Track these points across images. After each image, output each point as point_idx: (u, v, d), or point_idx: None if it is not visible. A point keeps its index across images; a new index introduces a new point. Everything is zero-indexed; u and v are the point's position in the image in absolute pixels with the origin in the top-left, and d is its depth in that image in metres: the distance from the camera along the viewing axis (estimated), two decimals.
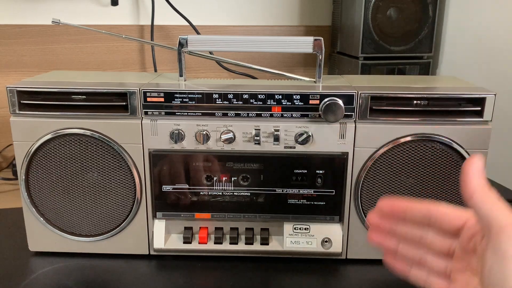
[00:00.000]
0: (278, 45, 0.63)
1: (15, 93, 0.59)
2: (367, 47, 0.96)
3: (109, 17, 1.06)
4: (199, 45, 0.63)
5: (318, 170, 0.61)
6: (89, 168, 0.61)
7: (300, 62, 1.17)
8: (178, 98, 0.59)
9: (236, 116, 0.60)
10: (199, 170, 0.61)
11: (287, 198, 0.62)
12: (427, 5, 0.95)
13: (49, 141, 0.60)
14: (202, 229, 0.64)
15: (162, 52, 1.08)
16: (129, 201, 0.62)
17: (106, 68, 1.09)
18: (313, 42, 0.61)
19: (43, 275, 0.61)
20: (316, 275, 0.62)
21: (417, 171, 0.60)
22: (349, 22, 1.03)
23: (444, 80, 0.77)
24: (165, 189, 0.62)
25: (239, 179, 0.62)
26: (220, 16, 1.12)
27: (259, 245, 0.63)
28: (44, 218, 0.63)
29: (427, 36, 0.97)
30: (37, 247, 0.65)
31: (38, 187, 0.62)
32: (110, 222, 0.63)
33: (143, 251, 0.64)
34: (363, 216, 0.62)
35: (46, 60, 1.05)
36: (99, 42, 1.07)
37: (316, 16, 1.15)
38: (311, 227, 0.63)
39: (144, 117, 0.60)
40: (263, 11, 1.13)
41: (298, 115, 0.59)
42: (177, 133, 0.59)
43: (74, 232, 0.64)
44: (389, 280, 0.61)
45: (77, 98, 0.60)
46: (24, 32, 1.03)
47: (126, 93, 0.59)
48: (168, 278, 0.61)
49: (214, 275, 0.62)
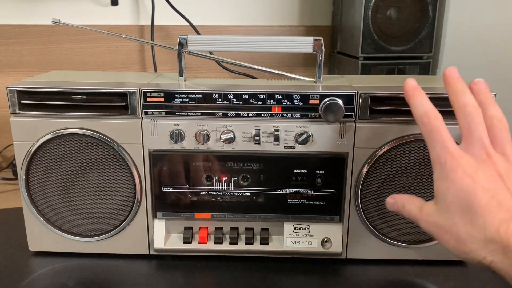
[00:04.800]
0: (278, 45, 0.63)
1: (15, 93, 0.59)
2: (367, 47, 0.96)
3: (109, 17, 1.06)
4: (199, 45, 0.63)
5: (318, 170, 0.61)
6: (89, 168, 0.61)
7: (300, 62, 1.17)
8: (178, 98, 0.59)
9: (236, 116, 0.60)
10: (199, 170, 0.61)
11: (287, 198, 0.62)
12: (427, 5, 0.95)
13: (49, 141, 0.60)
14: (202, 229, 0.64)
15: (162, 52, 1.08)
16: (129, 201, 0.62)
17: (106, 68, 1.09)
18: (313, 42, 0.61)
19: (43, 275, 0.61)
20: (316, 275, 0.62)
21: (417, 171, 0.60)
22: (349, 22, 1.03)
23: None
24: (165, 189, 0.62)
25: (239, 179, 0.62)
26: (220, 16, 1.12)
27: (259, 245, 0.63)
28: (44, 218, 0.63)
29: (427, 36, 0.97)
30: (37, 247, 0.65)
31: (38, 187, 0.62)
32: (110, 222, 0.63)
33: (143, 251, 0.64)
34: (363, 216, 0.62)
35: (46, 60, 1.05)
36: (99, 42, 1.07)
37: (316, 16, 1.15)
38: (311, 227, 0.63)
39: (144, 117, 0.60)
40: (263, 11, 1.13)
41: (298, 115, 0.59)
42: (177, 133, 0.59)
43: (74, 232, 0.64)
44: (389, 280, 0.61)
45: (77, 98, 0.60)
46: (24, 32, 1.03)
47: (126, 93, 0.59)
48: (168, 278, 0.61)
49: (214, 275, 0.62)
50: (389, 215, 0.62)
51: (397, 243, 0.63)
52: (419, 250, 0.63)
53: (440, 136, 0.42)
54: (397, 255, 0.64)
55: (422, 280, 0.61)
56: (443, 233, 0.40)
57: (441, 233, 0.41)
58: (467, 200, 0.38)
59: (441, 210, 0.40)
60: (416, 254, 0.64)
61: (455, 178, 0.39)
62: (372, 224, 0.62)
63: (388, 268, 0.63)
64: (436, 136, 0.42)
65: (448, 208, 0.40)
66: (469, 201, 0.38)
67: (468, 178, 0.39)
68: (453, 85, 0.46)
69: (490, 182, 0.39)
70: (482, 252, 0.37)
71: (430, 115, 0.43)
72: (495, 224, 0.37)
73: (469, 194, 0.38)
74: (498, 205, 0.37)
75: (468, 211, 0.38)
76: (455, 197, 0.39)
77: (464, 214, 0.38)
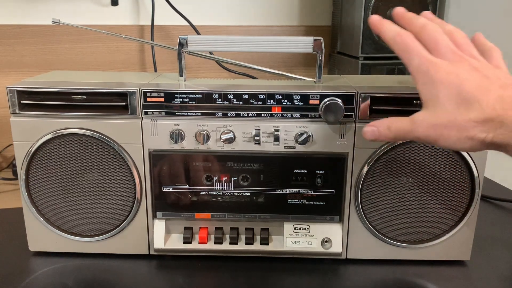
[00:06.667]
0: (278, 45, 0.63)
1: (15, 93, 0.59)
2: (367, 47, 0.96)
3: (109, 17, 1.06)
4: (199, 45, 0.63)
5: (318, 170, 0.61)
6: (89, 168, 0.61)
7: (300, 62, 1.17)
8: (178, 98, 0.59)
9: (236, 116, 0.60)
10: (199, 170, 0.61)
11: (287, 198, 0.62)
12: (427, 5, 0.95)
13: (49, 141, 0.60)
14: (202, 229, 0.64)
15: (162, 52, 1.08)
16: (129, 201, 0.62)
17: (106, 68, 1.09)
18: (313, 42, 0.61)
19: (43, 275, 0.61)
20: (316, 275, 0.62)
21: (417, 171, 0.60)
22: (349, 22, 1.03)
23: None
24: (165, 189, 0.62)
25: (239, 179, 0.62)
26: (220, 16, 1.12)
27: (259, 245, 0.63)
28: (44, 218, 0.63)
29: None
30: (37, 247, 0.65)
31: (38, 187, 0.62)
32: (110, 222, 0.63)
33: (143, 251, 0.64)
34: (363, 216, 0.62)
35: (46, 60, 1.05)
36: (99, 42, 1.07)
37: (316, 16, 1.16)
38: (311, 227, 0.63)
39: (144, 117, 0.60)
40: (263, 11, 1.13)
41: (298, 115, 0.59)
42: (177, 133, 0.59)
43: (74, 232, 0.64)
44: (389, 280, 0.61)
45: (77, 98, 0.60)
46: (24, 32, 1.03)
47: (126, 93, 0.59)
48: (168, 278, 0.61)
49: (214, 275, 0.62)
50: (389, 215, 0.62)
51: (397, 243, 0.63)
52: (419, 250, 0.63)
53: (416, 49, 0.45)
54: (397, 255, 0.64)
55: (422, 280, 0.61)
56: (443, 130, 0.43)
57: (440, 132, 0.44)
58: (458, 91, 0.42)
59: (436, 111, 0.44)
60: (416, 254, 0.64)
61: (441, 77, 0.43)
62: (372, 224, 0.62)
63: (388, 268, 0.63)
64: (412, 50, 0.45)
65: (443, 105, 0.43)
66: (460, 92, 0.42)
67: (452, 75, 0.43)
68: (405, 17, 0.50)
69: (471, 73, 0.43)
70: (484, 131, 0.41)
71: (402, 34, 0.47)
72: (490, 103, 0.41)
73: (459, 86, 0.42)
74: (486, 87, 0.42)
75: (462, 101, 0.42)
76: (447, 94, 0.43)
77: (460, 105, 0.42)
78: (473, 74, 0.43)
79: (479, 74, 0.43)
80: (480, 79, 0.43)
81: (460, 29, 0.48)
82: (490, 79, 0.43)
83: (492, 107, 0.41)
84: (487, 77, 0.43)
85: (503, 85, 0.42)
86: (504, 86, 0.42)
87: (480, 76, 0.43)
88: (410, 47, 0.46)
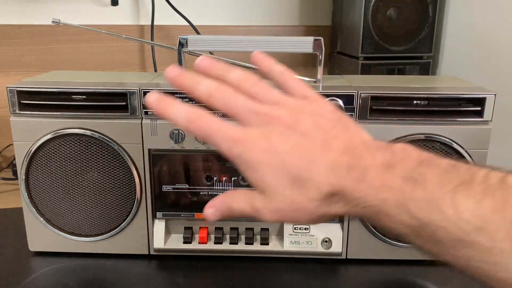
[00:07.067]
0: (278, 45, 0.63)
1: (15, 93, 0.59)
2: (367, 47, 0.96)
3: (109, 17, 1.06)
4: (199, 45, 0.63)
5: None
6: (89, 168, 0.61)
7: (300, 62, 1.16)
8: (178, 98, 0.59)
9: None
10: (199, 170, 0.61)
11: None
12: (427, 5, 0.95)
13: (49, 141, 0.60)
14: (202, 229, 0.64)
15: (162, 52, 1.08)
16: (129, 201, 0.62)
17: (106, 68, 1.08)
18: (313, 42, 0.61)
19: (43, 275, 0.61)
20: (316, 275, 0.62)
21: None
22: (349, 22, 1.03)
23: (444, 80, 0.77)
24: (165, 189, 0.62)
25: (239, 179, 0.62)
26: (220, 16, 1.12)
27: (259, 245, 0.63)
28: (44, 218, 0.63)
29: (427, 36, 0.97)
30: (37, 247, 0.65)
31: (38, 187, 0.62)
32: (110, 222, 0.63)
33: (143, 251, 0.64)
34: None
35: (46, 60, 1.05)
36: (99, 42, 1.07)
37: (316, 16, 1.15)
38: (311, 227, 0.63)
39: (144, 117, 0.60)
40: (263, 11, 1.13)
41: None
42: (177, 133, 0.59)
43: (74, 232, 0.64)
44: (389, 280, 0.61)
45: (77, 98, 0.60)
46: (24, 32, 1.03)
47: (126, 93, 0.59)
48: (168, 278, 0.61)
49: (214, 275, 0.62)
50: None
51: (397, 243, 0.63)
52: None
53: (216, 131, 0.37)
54: (397, 255, 0.63)
55: (422, 280, 0.61)
56: (290, 214, 0.36)
57: (288, 216, 0.36)
58: (284, 172, 0.35)
59: (272, 196, 0.36)
60: (416, 254, 0.63)
61: (258, 159, 0.35)
62: (372, 224, 0.62)
63: (388, 268, 0.63)
64: (214, 134, 0.37)
65: (276, 190, 0.35)
66: (287, 172, 0.35)
67: (269, 153, 0.35)
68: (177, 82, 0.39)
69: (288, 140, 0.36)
70: (333, 207, 0.35)
71: (194, 119, 0.37)
72: (322, 177, 0.34)
73: (282, 166, 0.35)
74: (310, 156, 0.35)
75: (294, 181, 0.35)
76: (274, 177, 0.35)
77: (294, 185, 0.35)
78: (290, 140, 0.35)
79: (296, 135, 0.36)
80: (300, 145, 0.35)
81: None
82: (309, 137, 0.36)
83: (326, 182, 0.34)
84: (305, 135, 0.36)
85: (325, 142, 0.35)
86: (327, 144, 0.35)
87: (298, 139, 0.36)
88: (210, 131, 0.37)
